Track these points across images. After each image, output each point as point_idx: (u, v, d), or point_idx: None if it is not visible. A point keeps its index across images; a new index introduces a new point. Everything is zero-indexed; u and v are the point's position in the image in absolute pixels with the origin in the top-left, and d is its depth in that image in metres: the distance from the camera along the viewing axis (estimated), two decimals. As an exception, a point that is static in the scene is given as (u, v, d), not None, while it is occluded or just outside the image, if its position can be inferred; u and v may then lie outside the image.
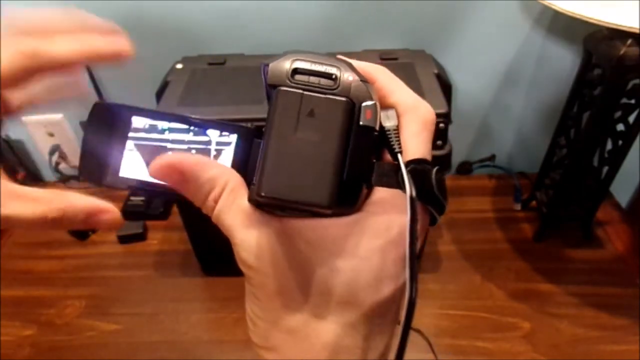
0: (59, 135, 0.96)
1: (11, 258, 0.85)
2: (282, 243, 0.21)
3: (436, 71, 0.70)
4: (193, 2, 0.79)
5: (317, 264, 0.21)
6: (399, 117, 0.23)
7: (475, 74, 0.87)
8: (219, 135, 0.26)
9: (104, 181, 0.26)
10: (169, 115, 0.26)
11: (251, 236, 0.21)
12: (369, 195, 0.22)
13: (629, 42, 0.61)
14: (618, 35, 0.61)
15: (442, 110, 0.61)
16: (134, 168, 0.26)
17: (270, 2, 0.79)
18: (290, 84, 0.20)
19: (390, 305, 0.22)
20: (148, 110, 0.26)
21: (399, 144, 0.22)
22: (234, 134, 0.26)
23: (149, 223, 0.89)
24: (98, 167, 0.26)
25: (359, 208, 0.22)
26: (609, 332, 0.69)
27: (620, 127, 0.70)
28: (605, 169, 0.75)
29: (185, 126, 0.26)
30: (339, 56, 0.22)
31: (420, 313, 0.72)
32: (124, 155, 0.26)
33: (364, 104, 0.21)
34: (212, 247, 0.72)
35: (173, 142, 0.26)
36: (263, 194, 0.20)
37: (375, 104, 0.21)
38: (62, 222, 0.23)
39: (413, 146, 0.22)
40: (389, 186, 0.22)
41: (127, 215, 0.87)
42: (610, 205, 0.89)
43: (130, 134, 0.26)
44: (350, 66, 0.21)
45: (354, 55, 0.33)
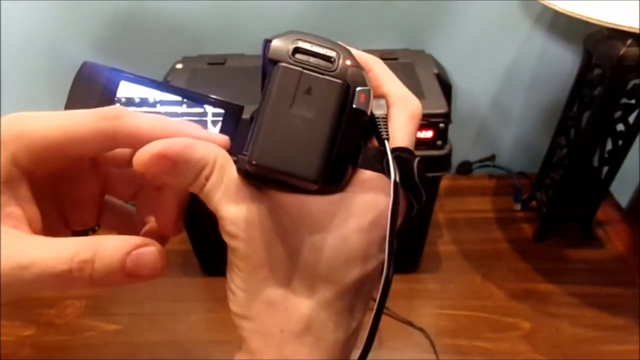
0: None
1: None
2: (269, 217, 0.22)
3: (436, 71, 0.70)
4: (193, 2, 0.79)
5: (298, 239, 0.22)
6: (388, 107, 0.24)
7: (475, 74, 0.87)
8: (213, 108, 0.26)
9: None
10: (157, 84, 0.26)
11: (240, 209, 0.22)
12: (352, 176, 0.23)
13: (629, 42, 0.61)
14: (618, 35, 0.61)
15: (442, 110, 0.61)
16: None
17: (270, 2, 0.79)
18: (291, 61, 0.21)
19: (366, 283, 0.23)
20: (137, 76, 0.25)
21: (387, 132, 0.23)
22: (221, 110, 0.26)
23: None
24: None
25: (342, 188, 0.22)
26: (609, 332, 0.69)
27: (620, 127, 0.70)
28: (605, 169, 0.75)
29: (177, 98, 0.26)
30: (339, 42, 0.23)
31: (420, 313, 0.72)
32: None
33: (359, 89, 0.22)
34: (212, 247, 0.72)
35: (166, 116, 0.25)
36: (254, 162, 0.20)
37: (369, 90, 0.22)
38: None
39: (400, 136, 0.23)
40: (374, 170, 0.22)
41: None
42: (610, 205, 0.89)
43: (120, 105, 0.25)
44: (349, 52, 0.22)
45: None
